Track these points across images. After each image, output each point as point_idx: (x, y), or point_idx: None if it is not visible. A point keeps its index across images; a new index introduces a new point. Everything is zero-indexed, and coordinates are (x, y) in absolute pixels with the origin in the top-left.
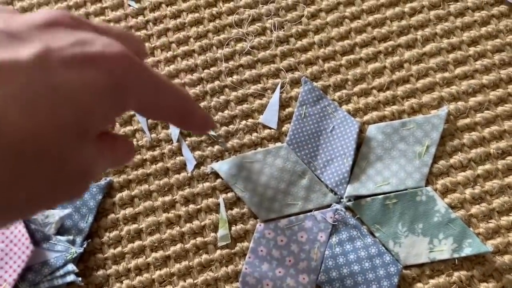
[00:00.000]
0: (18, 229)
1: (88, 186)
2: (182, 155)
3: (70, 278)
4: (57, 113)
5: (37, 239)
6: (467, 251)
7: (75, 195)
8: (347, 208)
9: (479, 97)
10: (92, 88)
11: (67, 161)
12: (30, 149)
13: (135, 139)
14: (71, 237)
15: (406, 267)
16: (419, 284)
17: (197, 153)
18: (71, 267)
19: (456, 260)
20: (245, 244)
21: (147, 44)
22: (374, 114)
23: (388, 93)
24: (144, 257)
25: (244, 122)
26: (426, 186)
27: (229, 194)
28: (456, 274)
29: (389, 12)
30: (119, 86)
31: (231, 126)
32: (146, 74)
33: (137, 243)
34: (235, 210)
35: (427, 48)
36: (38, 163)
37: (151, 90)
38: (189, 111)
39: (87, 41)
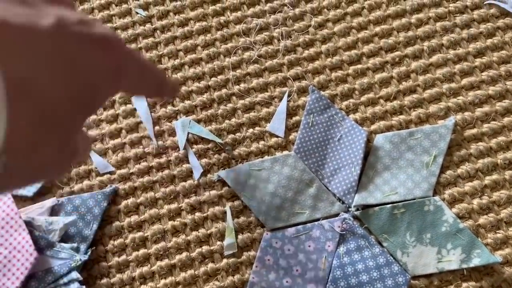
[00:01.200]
0: (22, 236)
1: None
2: (188, 163)
3: (74, 286)
4: (75, 87)
5: (41, 246)
6: (475, 261)
7: (65, 170)
8: (355, 217)
9: (486, 108)
10: (100, 67)
11: (71, 135)
12: (51, 116)
13: (141, 146)
14: (75, 245)
15: (414, 277)
16: None
17: (204, 160)
18: (75, 275)
19: (465, 271)
20: (252, 253)
21: (154, 52)
22: (381, 123)
23: (395, 102)
24: (149, 265)
25: (251, 130)
26: (433, 196)
27: (236, 202)
28: (464, 285)
29: (396, 23)
30: (119, 68)
31: (238, 134)
32: (135, 58)
33: (142, 251)
34: (242, 219)
35: (434, 58)
36: (55, 129)
37: (139, 72)
38: (164, 83)
39: (89, 22)
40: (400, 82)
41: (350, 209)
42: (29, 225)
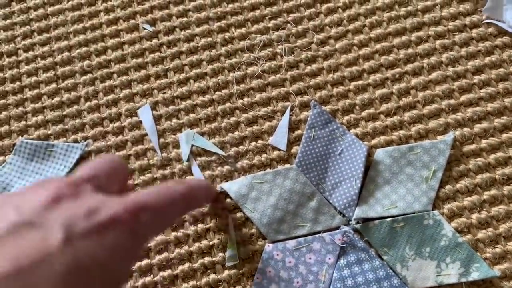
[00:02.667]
0: None
1: None
2: (192, 174)
3: None
4: (90, 283)
5: None
6: (474, 275)
7: None
8: (355, 230)
9: (484, 124)
10: (110, 249)
11: None
12: None
13: (146, 158)
14: None
15: None
16: None
17: (207, 172)
18: None
19: (464, 285)
20: (253, 265)
21: (160, 66)
22: (382, 138)
23: (395, 118)
24: (151, 276)
25: (253, 143)
26: (433, 210)
27: (238, 214)
28: None
29: (396, 41)
30: (134, 236)
31: (241, 147)
32: (149, 210)
33: (145, 261)
34: (244, 231)
35: (433, 75)
36: None
37: (160, 218)
38: (195, 198)
39: (94, 209)
40: (400, 98)
41: (350, 222)
42: None
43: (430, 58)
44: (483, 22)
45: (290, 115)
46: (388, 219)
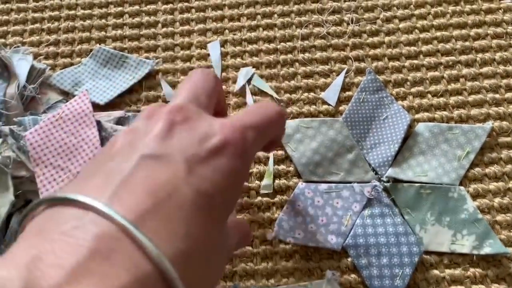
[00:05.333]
0: (91, 131)
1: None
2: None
3: None
4: (212, 212)
5: (104, 146)
6: (486, 250)
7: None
8: (384, 188)
9: None
10: (227, 173)
11: (222, 245)
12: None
13: None
14: None
15: (427, 252)
16: (435, 271)
17: (267, 100)
18: None
19: (475, 257)
20: (285, 197)
21: (236, 11)
22: (425, 114)
23: (441, 99)
24: None
25: (306, 94)
26: (459, 185)
27: (279, 152)
28: (471, 270)
29: (456, 32)
30: (244, 157)
31: (294, 95)
32: (254, 130)
33: None
34: (282, 167)
35: (484, 69)
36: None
37: (262, 137)
38: (284, 120)
39: (206, 134)
40: (449, 83)
41: (381, 179)
42: (98, 126)
43: (484, 54)
44: None
45: (344, 77)
46: (417, 184)
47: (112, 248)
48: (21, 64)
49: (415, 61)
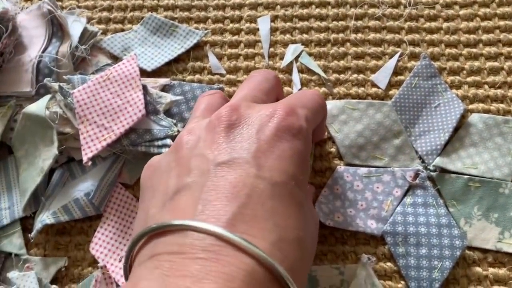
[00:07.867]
0: (136, 94)
1: None
2: (291, 86)
3: (165, 150)
4: (290, 197)
5: (148, 110)
6: None
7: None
8: (430, 178)
9: None
10: (291, 156)
11: (310, 221)
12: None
13: (253, 61)
14: (175, 120)
15: (470, 248)
16: (478, 268)
17: (304, 88)
18: (169, 141)
19: None
20: (324, 179)
21: None
22: (480, 105)
23: (499, 91)
24: None
25: (355, 75)
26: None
27: None
28: None
29: None
30: (307, 141)
31: (342, 75)
32: (306, 109)
33: None
34: (323, 148)
35: None
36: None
37: (316, 115)
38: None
39: (261, 125)
40: (509, 75)
41: (428, 167)
42: (143, 90)
43: None
44: None
45: (398, 60)
46: (465, 176)
47: (218, 253)
48: (75, 25)
49: (474, 50)
